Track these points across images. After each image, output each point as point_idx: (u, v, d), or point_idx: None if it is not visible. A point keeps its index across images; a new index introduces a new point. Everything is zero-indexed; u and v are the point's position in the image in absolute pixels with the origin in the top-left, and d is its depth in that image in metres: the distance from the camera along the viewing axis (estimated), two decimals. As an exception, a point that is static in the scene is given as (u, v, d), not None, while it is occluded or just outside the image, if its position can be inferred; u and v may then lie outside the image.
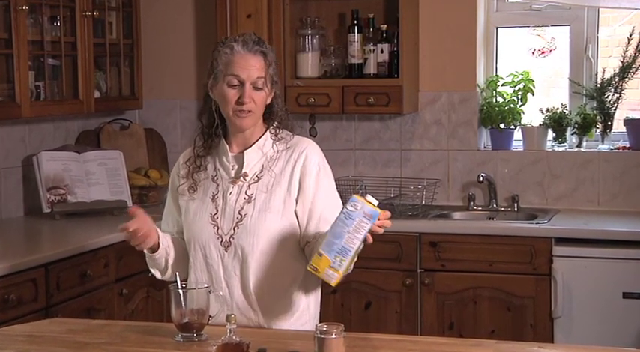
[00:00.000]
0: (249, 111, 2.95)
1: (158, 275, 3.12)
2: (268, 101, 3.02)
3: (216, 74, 2.98)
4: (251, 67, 2.94)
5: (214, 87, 2.99)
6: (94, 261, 4.26)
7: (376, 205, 2.68)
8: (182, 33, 5.65)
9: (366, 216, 2.65)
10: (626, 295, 4.46)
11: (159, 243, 3.01)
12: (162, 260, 3.07)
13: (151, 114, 5.69)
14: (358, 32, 5.10)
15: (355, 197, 2.68)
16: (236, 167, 3.03)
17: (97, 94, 5.07)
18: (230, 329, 2.58)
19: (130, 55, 5.39)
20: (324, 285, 4.58)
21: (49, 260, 4.00)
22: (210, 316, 2.85)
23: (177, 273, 2.92)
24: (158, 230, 3.04)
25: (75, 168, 4.97)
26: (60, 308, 4.02)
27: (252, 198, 2.98)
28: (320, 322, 2.63)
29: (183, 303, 2.78)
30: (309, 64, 5.22)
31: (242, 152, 3.02)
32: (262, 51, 2.97)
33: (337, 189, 3.10)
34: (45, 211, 4.82)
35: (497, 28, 5.36)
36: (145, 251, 3.02)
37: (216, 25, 5.13)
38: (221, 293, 2.96)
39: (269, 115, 3.05)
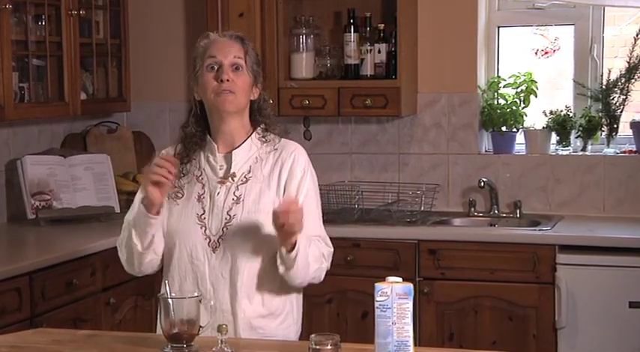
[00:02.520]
0: (231, 92, 2.95)
1: (139, 247, 2.98)
2: (254, 97, 3.04)
3: (196, 66, 3.01)
4: (228, 47, 2.99)
5: (196, 82, 3.02)
6: (80, 270, 4.23)
7: (402, 280, 2.50)
8: (172, 32, 5.64)
9: (402, 297, 2.47)
10: (632, 304, 4.43)
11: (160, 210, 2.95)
12: (154, 229, 2.96)
13: (140, 117, 5.66)
14: (354, 32, 5.09)
15: (378, 284, 2.49)
16: (224, 167, 3.03)
17: (83, 96, 5.04)
18: (221, 340, 2.59)
19: (118, 56, 5.37)
20: (318, 293, 4.49)
21: (33, 268, 3.99)
22: (200, 326, 2.79)
23: (166, 282, 2.90)
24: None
25: (60, 173, 4.93)
26: (45, 318, 4.00)
27: (241, 199, 2.99)
28: (315, 332, 2.58)
29: (172, 313, 2.73)
30: (304, 64, 5.20)
31: (230, 152, 3.03)
32: (239, 37, 3.03)
33: (333, 194, 3.05)
34: (29, 217, 4.79)
35: (498, 27, 5.36)
36: (145, 211, 2.91)
37: (207, 24, 5.11)
38: (212, 302, 2.94)
39: (255, 116, 3.07)
